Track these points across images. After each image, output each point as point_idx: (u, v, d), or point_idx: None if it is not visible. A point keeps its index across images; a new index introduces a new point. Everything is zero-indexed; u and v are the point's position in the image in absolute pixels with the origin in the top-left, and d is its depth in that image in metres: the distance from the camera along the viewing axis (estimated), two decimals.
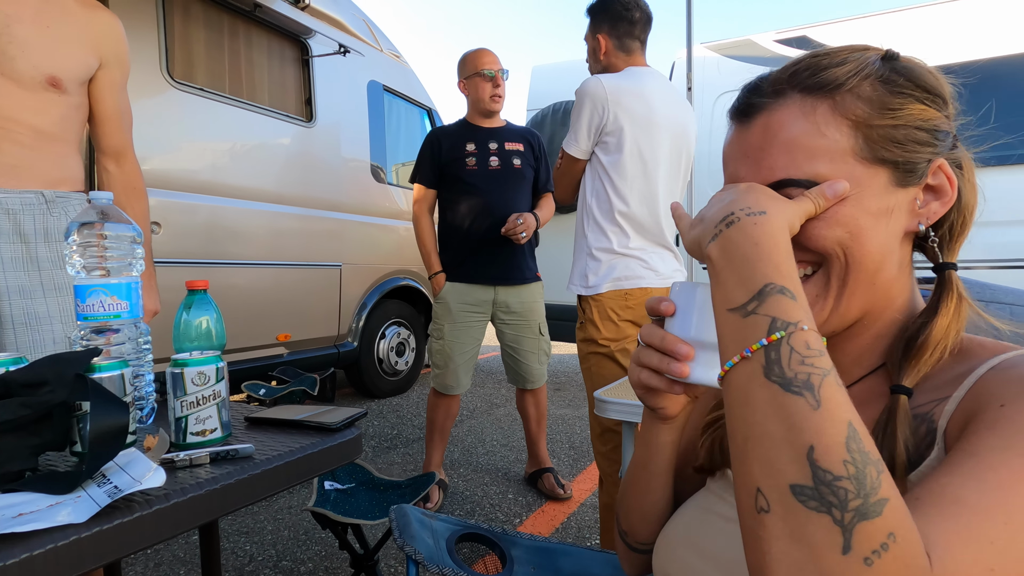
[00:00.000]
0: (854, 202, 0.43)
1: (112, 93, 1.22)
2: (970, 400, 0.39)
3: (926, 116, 0.44)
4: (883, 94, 0.44)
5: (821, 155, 0.44)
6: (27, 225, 1.10)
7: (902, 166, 0.44)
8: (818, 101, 0.44)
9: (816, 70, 0.45)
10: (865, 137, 0.44)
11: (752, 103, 0.48)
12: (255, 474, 0.63)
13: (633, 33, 1.49)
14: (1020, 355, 0.41)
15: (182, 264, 2.45)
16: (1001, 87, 2.61)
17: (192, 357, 0.69)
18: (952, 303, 0.44)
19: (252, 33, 2.84)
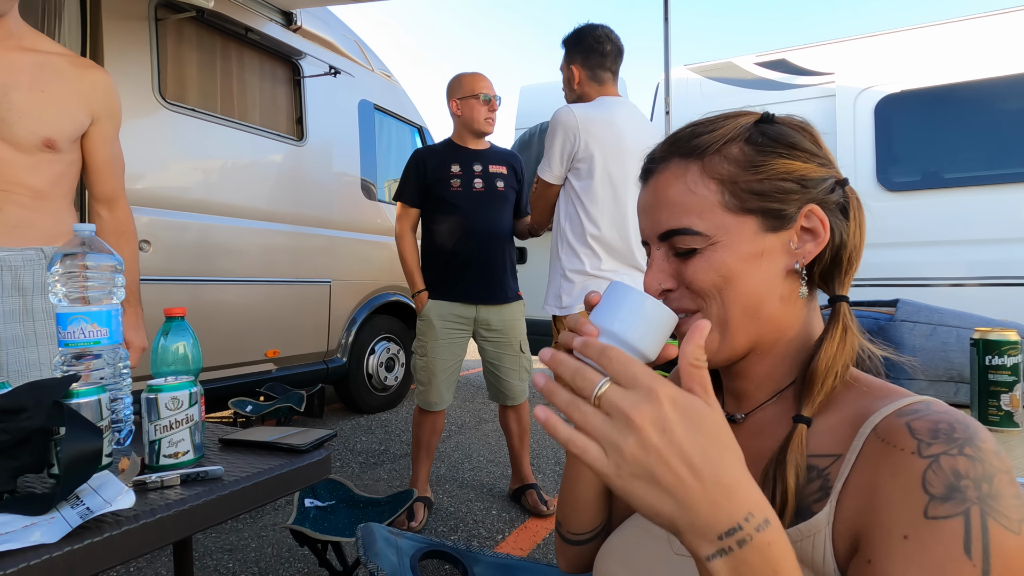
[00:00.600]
0: (724, 249, 0.49)
1: (104, 145, 1.28)
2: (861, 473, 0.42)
3: (791, 168, 0.50)
4: (749, 153, 0.50)
5: (693, 210, 0.50)
6: (26, 280, 1.17)
7: (770, 214, 0.49)
8: (691, 164, 0.51)
9: (691, 138, 0.52)
10: (731, 192, 0.50)
11: (648, 168, 0.56)
12: (223, 495, 0.66)
13: (604, 65, 1.56)
14: (892, 423, 0.42)
15: (171, 281, 2.49)
16: (979, 110, 2.70)
17: (167, 383, 0.73)
18: (838, 333, 0.48)
19: (244, 54, 2.90)
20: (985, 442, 0.38)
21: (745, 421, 0.55)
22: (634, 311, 0.49)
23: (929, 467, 0.38)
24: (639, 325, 0.49)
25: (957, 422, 0.40)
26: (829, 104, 3.01)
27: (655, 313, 0.50)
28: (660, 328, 0.50)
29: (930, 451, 0.38)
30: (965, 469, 0.37)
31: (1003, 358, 0.92)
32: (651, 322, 0.50)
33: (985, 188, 2.64)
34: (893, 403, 0.44)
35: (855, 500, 0.41)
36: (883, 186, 2.83)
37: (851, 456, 0.43)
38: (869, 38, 3.01)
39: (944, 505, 0.36)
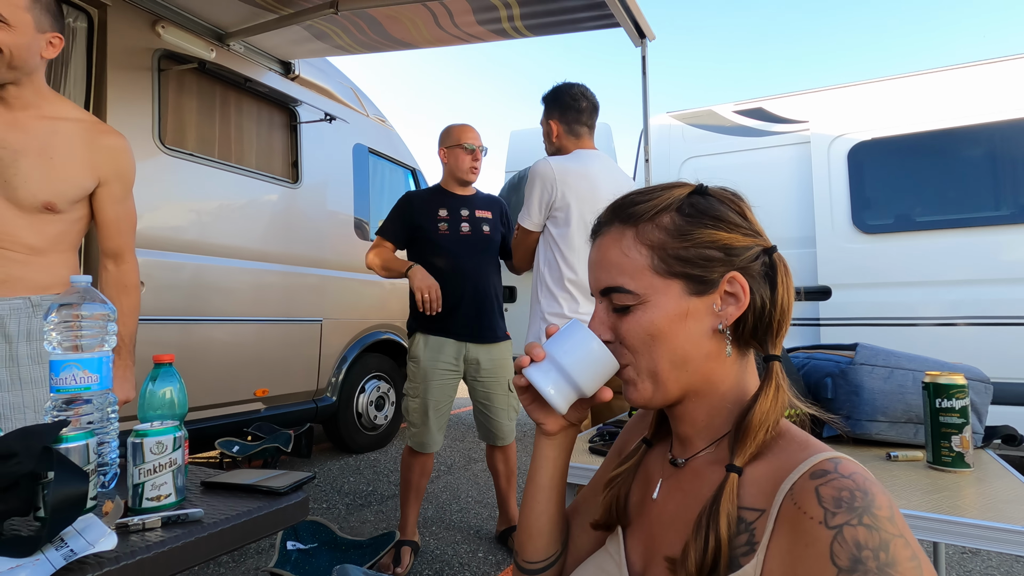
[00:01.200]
0: (653, 308, 0.55)
1: (111, 204, 1.33)
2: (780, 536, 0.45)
3: (715, 238, 0.55)
4: (679, 223, 0.56)
5: (625, 271, 0.56)
6: (11, 327, 1.21)
7: (694, 279, 0.55)
8: (627, 229, 0.57)
9: (628, 206, 0.58)
10: (660, 257, 0.55)
11: (595, 229, 0.62)
12: (201, 536, 0.69)
13: (580, 120, 1.66)
14: (804, 487, 0.46)
15: (163, 321, 2.52)
16: (946, 156, 2.83)
17: (152, 428, 0.76)
18: (772, 390, 0.53)
19: (243, 102, 3.02)
20: (880, 509, 0.42)
21: (685, 466, 0.59)
22: (580, 347, 0.57)
23: (835, 539, 0.42)
24: (582, 360, 0.57)
25: (857, 488, 0.43)
26: (804, 151, 3.14)
27: (598, 354, 0.57)
28: (600, 369, 0.58)
29: (835, 521, 0.42)
30: (864, 539, 0.41)
31: (952, 401, 0.97)
32: (593, 361, 0.58)
33: (954, 231, 2.74)
34: (808, 461, 0.48)
35: (777, 563, 0.45)
36: (858, 228, 2.93)
37: (772, 513, 0.47)
38: (841, 88, 3.17)
39: None
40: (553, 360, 0.58)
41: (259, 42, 3.01)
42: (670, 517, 0.57)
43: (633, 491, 0.64)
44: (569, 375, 0.57)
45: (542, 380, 0.58)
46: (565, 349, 0.58)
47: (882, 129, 2.97)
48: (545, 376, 0.58)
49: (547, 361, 0.59)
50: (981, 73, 2.86)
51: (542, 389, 0.57)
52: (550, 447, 0.65)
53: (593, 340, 0.57)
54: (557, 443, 0.65)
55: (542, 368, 0.58)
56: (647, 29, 2.38)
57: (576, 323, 0.59)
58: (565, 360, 0.57)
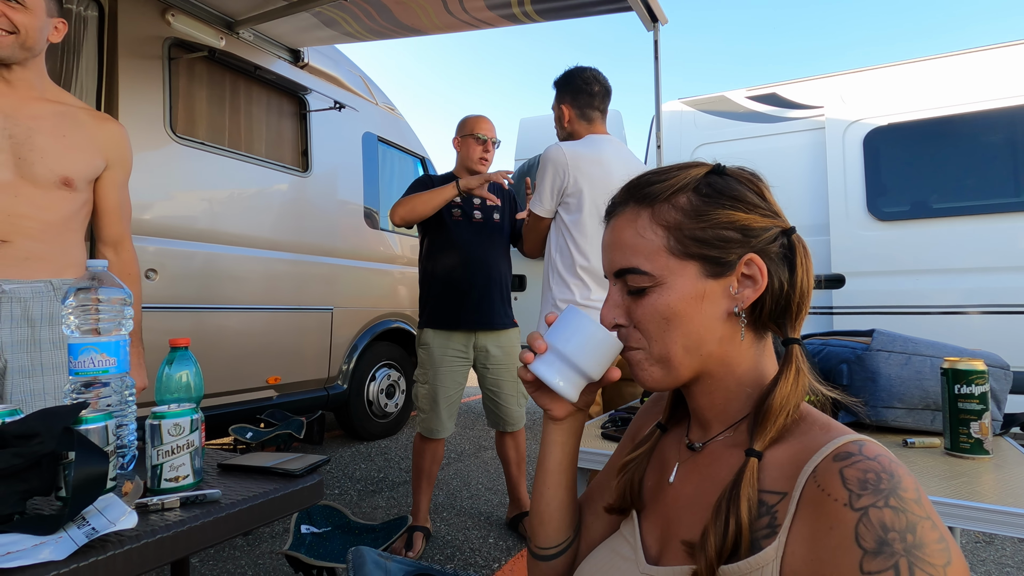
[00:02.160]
0: (669, 290, 0.54)
1: (114, 190, 1.36)
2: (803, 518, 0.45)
3: (733, 219, 0.53)
4: (696, 203, 0.54)
5: (640, 252, 0.55)
6: (35, 311, 1.22)
7: (711, 260, 0.53)
8: (642, 210, 0.56)
9: (644, 186, 0.57)
10: (676, 238, 0.54)
11: (609, 210, 0.61)
12: (219, 516, 0.70)
13: (593, 104, 1.64)
14: (828, 468, 0.45)
15: (177, 309, 2.55)
16: (962, 142, 2.77)
17: (170, 410, 0.77)
18: (792, 374, 0.52)
19: (253, 90, 3.02)
20: (907, 491, 0.42)
21: (703, 449, 0.58)
22: (581, 332, 0.57)
23: (860, 520, 0.41)
24: (585, 347, 0.57)
25: (883, 471, 0.43)
26: (819, 136, 3.09)
27: (600, 338, 0.57)
28: (604, 352, 0.57)
29: (860, 503, 0.42)
30: (891, 521, 0.40)
31: (971, 387, 0.96)
32: (596, 346, 0.57)
33: (970, 218, 2.70)
34: (831, 443, 0.47)
35: (799, 546, 0.45)
36: (873, 215, 2.89)
37: (795, 495, 0.46)
38: (856, 73, 3.11)
39: (876, 560, 0.39)
40: (556, 350, 0.57)
41: (268, 30, 3.00)
42: (687, 501, 0.56)
43: (648, 475, 0.64)
44: (574, 363, 0.57)
45: (549, 372, 0.57)
46: (566, 337, 0.57)
47: (899, 114, 2.92)
48: (550, 368, 0.57)
49: (550, 352, 0.58)
50: (998, 56, 2.79)
51: (550, 382, 0.57)
52: (559, 432, 0.66)
53: (592, 324, 0.57)
54: (565, 428, 0.65)
55: (546, 360, 0.58)
56: (659, 13, 2.35)
57: (572, 309, 0.59)
58: (568, 348, 0.57)
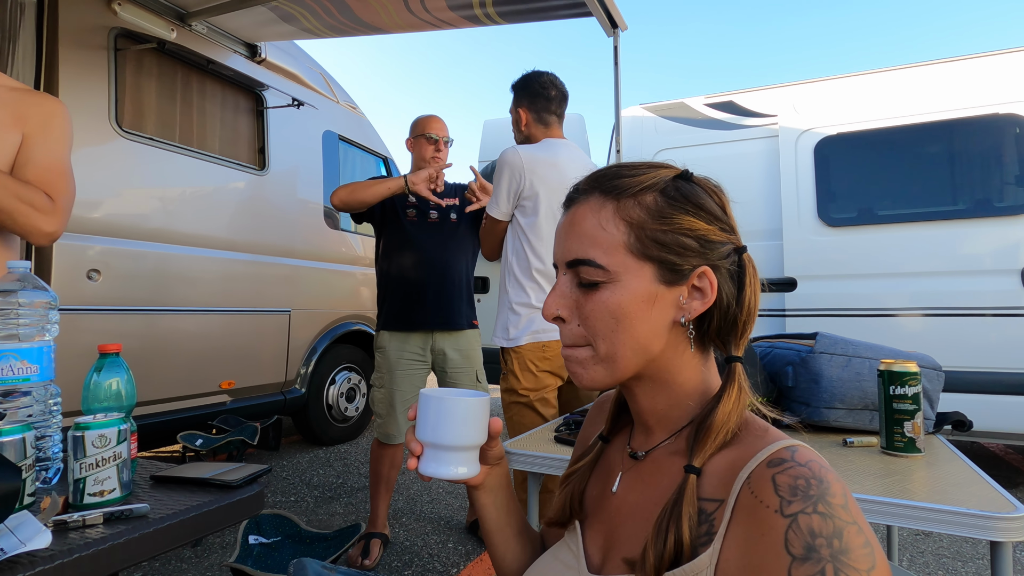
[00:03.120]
0: (622, 289, 0.52)
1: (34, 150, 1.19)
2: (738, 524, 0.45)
3: (694, 227, 0.53)
4: (661, 205, 0.53)
5: (599, 244, 0.53)
6: None
7: (666, 265, 0.52)
8: (607, 202, 0.54)
9: (613, 178, 0.55)
10: (637, 236, 0.52)
11: (571, 197, 0.58)
12: (146, 532, 0.67)
13: (550, 108, 1.64)
14: (761, 475, 0.46)
15: (123, 312, 2.43)
16: (907, 152, 2.90)
17: (95, 420, 0.73)
18: (734, 392, 0.52)
19: (206, 85, 2.92)
20: (835, 496, 0.42)
21: (645, 458, 0.58)
22: (445, 418, 0.56)
23: (790, 527, 0.42)
24: (455, 427, 0.56)
25: (813, 476, 0.43)
26: (773, 144, 3.19)
27: (464, 409, 0.56)
28: (475, 419, 0.57)
29: (790, 510, 0.42)
30: (819, 527, 0.41)
31: (905, 388, 1.00)
32: (465, 419, 0.57)
33: (912, 225, 2.82)
34: (765, 450, 0.47)
35: (733, 552, 0.45)
36: (823, 221, 2.99)
37: (730, 503, 0.47)
38: (809, 83, 3.22)
39: (804, 565, 0.40)
40: (433, 445, 0.57)
41: (223, 23, 2.91)
42: (629, 510, 0.56)
43: (592, 485, 0.64)
44: (455, 447, 0.57)
45: (438, 469, 0.57)
46: (433, 427, 0.57)
47: (847, 124, 3.04)
48: (438, 464, 0.57)
49: (428, 450, 0.58)
50: (941, 71, 2.93)
51: (445, 477, 0.57)
52: (485, 494, 0.65)
53: (448, 402, 0.56)
54: (489, 487, 0.65)
55: (428, 458, 0.57)
56: (619, 19, 2.38)
57: (424, 397, 0.58)
58: (442, 438, 0.56)
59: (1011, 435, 2.62)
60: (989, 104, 2.79)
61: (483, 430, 0.58)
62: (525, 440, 1.16)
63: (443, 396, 0.56)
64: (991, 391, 2.63)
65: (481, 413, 0.57)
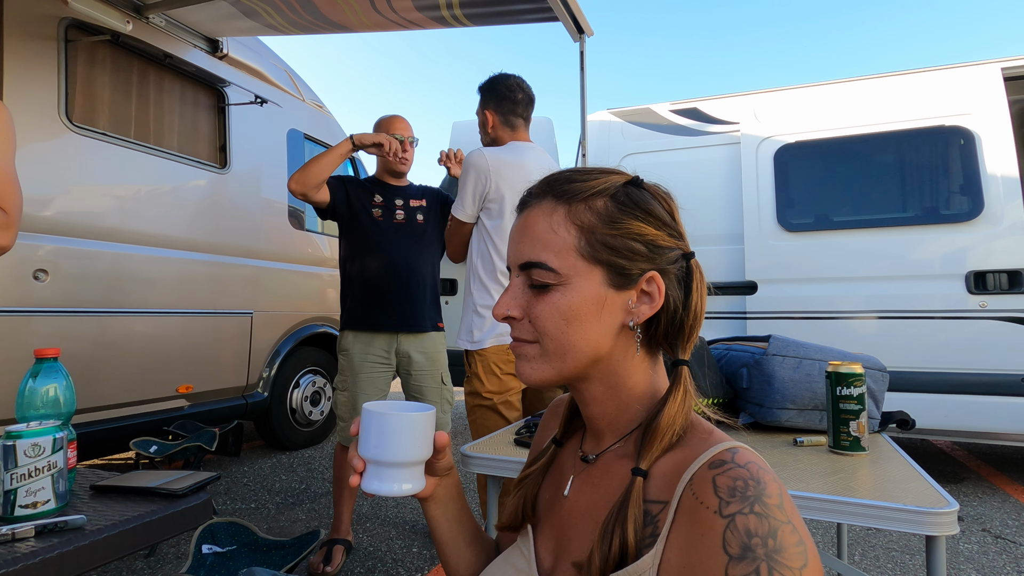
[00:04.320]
0: (572, 292, 0.53)
1: None
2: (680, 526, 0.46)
3: (643, 232, 0.54)
4: (612, 210, 0.54)
5: (551, 247, 0.54)
6: None
7: (616, 269, 0.53)
8: (559, 205, 0.55)
9: (565, 183, 0.56)
10: (587, 240, 0.53)
11: (524, 200, 0.59)
12: (81, 546, 0.64)
13: (516, 111, 1.65)
14: (703, 477, 0.47)
15: (72, 313, 2.34)
16: (862, 160, 3.01)
17: (28, 428, 0.70)
18: (680, 395, 0.53)
19: (164, 79, 2.83)
20: (771, 497, 0.44)
21: (596, 462, 0.59)
22: (384, 434, 0.55)
23: (727, 527, 0.43)
24: (394, 444, 0.55)
25: (751, 477, 0.45)
26: (735, 151, 3.27)
27: (407, 425, 0.55)
28: (416, 434, 0.56)
29: (728, 510, 0.43)
30: (755, 527, 0.42)
31: (850, 388, 1.03)
32: (405, 435, 0.55)
33: (865, 231, 2.94)
34: (708, 452, 0.49)
35: (675, 553, 0.46)
36: (783, 227, 3.08)
37: (673, 504, 0.48)
38: (770, 92, 3.31)
39: (740, 564, 0.41)
40: (375, 462, 0.56)
41: (182, 16, 2.82)
42: (580, 513, 0.57)
43: (545, 489, 0.64)
44: (397, 462, 0.56)
45: (381, 485, 0.56)
46: (376, 444, 0.55)
47: (805, 133, 3.14)
48: (381, 480, 0.56)
49: (371, 466, 0.56)
50: (893, 84, 3.06)
51: (389, 493, 0.56)
52: (433, 507, 0.65)
53: (392, 418, 0.55)
54: (437, 500, 0.65)
55: (371, 475, 0.56)
56: (585, 25, 2.40)
57: (366, 412, 0.57)
58: (384, 455, 0.55)
59: (956, 432, 2.74)
60: (937, 116, 2.92)
61: (427, 445, 0.57)
62: (485, 444, 1.16)
63: (385, 411, 0.55)
64: (938, 390, 2.75)
65: (424, 428, 0.56)
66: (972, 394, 2.68)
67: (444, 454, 0.62)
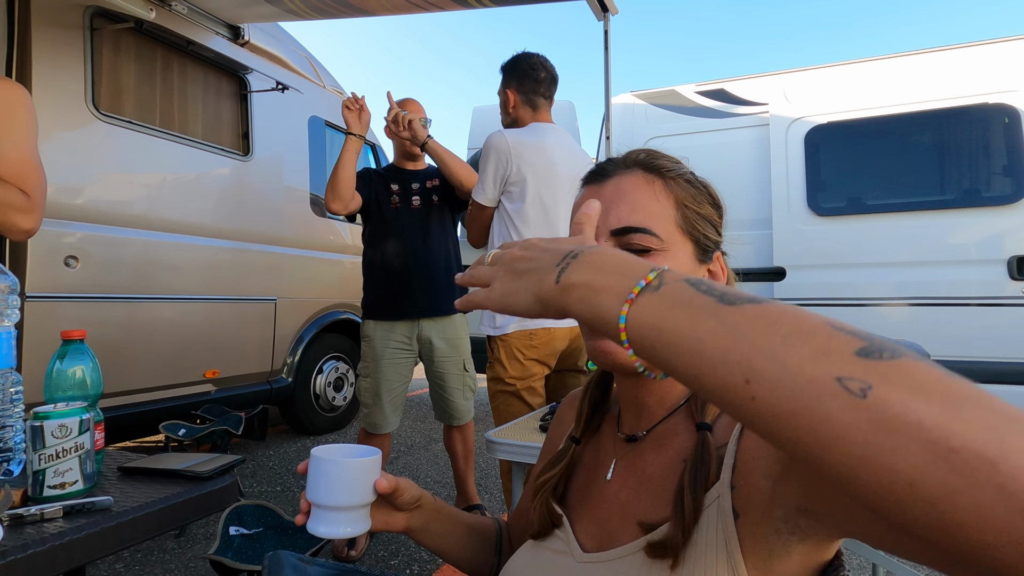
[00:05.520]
0: (672, 260, 0.55)
1: None
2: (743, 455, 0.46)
3: (713, 216, 0.59)
4: (692, 190, 0.59)
5: (655, 215, 0.56)
6: None
7: (700, 244, 0.57)
8: (655, 178, 0.58)
9: (654, 158, 0.59)
10: (683, 214, 0.57)
11: (606, 169, 0.60)
12: (108, 526, 0.64)
13: (538, 91, 1.61)
14: None
15: (103, 299, 2.38)
16: (896, 141, 2.90)
17: (55, 409, 0.70)
18: None
19: (187, 67, 2.84)
20: None
21: (647, 437, 0.57)
22: (322, 479, 0.56)
23: None
24: (331, 489, 0.56)
25: None
26: (763, 133, 3.17)
27: (340, 473, 0.56)
28: (356, 482, 0.57)
29: None
30: None
31: None
32: (341, 481, 0.56)
33: (900, 214, 2.82)
34: None
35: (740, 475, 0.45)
36: (813, 211, 2.98)
37: (732, 447, 0.47)
38: (799, 72, 3.19)
39: None
40: (320, 506, 0.57)
41: (204, 3, 2.82)
42: (631, 491, 0.55)
43: (576, 482, 0.62)
44: (341, 506, 0.56)
45: (327, 528, 0.56)
46: (321, 489, 0.56)
47: (837, 113, 3.02)
48: (327, 524, 0.56)
49: (315, 509, 0.57)
50: (931, 60, 2.92)
51: (332, 536, 0.57)
52: (414, 535, 0.66)
53: (332, 464, 0.56)
54: (416, 530, 0.66)
55: (315, 517, 0.57)
56: (610, 3, 2.34)
57: (314, 460, 0.58)
58: (328, 499, 0.56)
59: None
60: (979, 94, 2.78)
61: (366, 491, 0.58)
62: (510, 429, 1.15)
63: (324, 457, 0.56)
64: (977, 380, 2.65)
65: (361, 474, 0.57)
66: (1013, 383, 2.58)
67: (403, 491, 0.62)
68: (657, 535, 0.47)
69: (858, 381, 0.24)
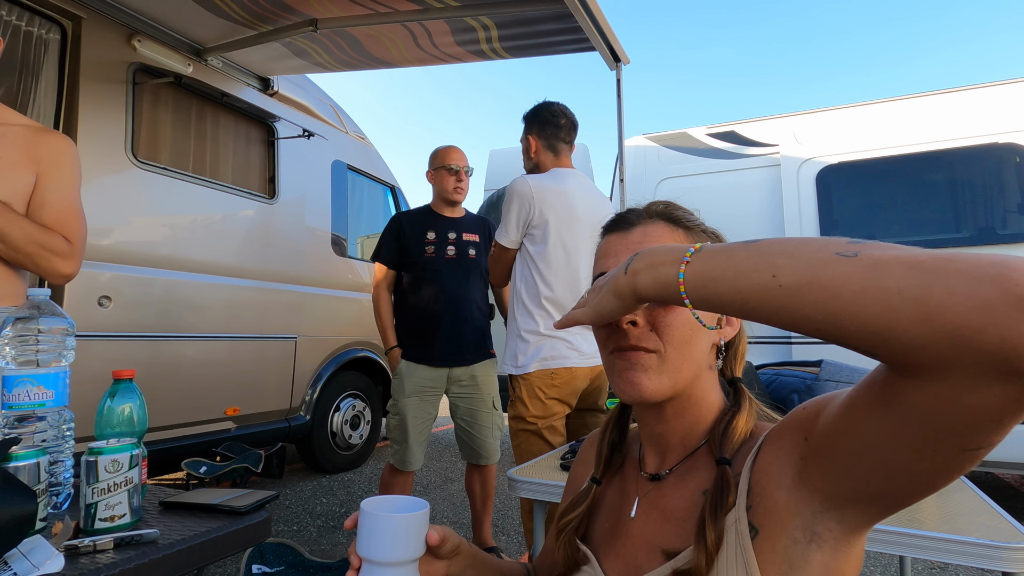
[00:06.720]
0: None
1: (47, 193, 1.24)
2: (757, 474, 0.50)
3: None
4: (708, 241, 0.62)
5: None
6: None
7: None
8: (677, 229, 0.62)
9: (673, 209, 0.64)
10: None
11: (631, 218, 0.64)
12: (156, 558, 0.67)
13: (559, 136, 1.69)
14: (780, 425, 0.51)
15: (131, 338, 2.46)
16: (907, 180, 2.93)
17: (108, 445, 0.74)
18: (747, 405, 0.59)
19: (220, 116, 3.00)
20: None
21: (669, 474, 0.60)
22: (373, 534, 0.56)
23: None
24: (388, 545, 0.56)
25: None
26: (775, 173, 3.23)
27: (400, 525, 0.57)
28: (409, 536, 0.57)
29: None
30: None
31: None
32: (398, 537, 0.57)
33: None
34: (770, 427, 0.53)
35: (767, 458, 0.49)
36: None
37: (745, 474, 0.51)
38: (809, 114, 3.27)
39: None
40: (371, 562, 0.57)
41: (238, 58, 3.01)
42: (654, 526, 0.58)
43: (601, 520, 0.65)
44: (393, 562, 0.56)
45: None
46: (372, 545, 0.56)
47: (847, 153, 3.08)
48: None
49: (366, 565, 0.57)
50: (940, 101, 2.99)
51: None
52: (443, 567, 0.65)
53: (386, 519, 0.56)
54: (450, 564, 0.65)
55: (364, 571, 0.57)
56: (621, 53, 2.44)
57: (364, 514, 0.58)
58: (380, 554, 0.56)
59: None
60: (988, 134, 2.83)
61: (417, 545, 0.57)
62: (531, 468, 1.16)
63: (378, 512, 0.56)
64: None
65: (415, 528, 0.57)
66: None
67: (445, 540, 0.62)
68: (682, 562, 0.50)
69: (850, 252, 0.35)
